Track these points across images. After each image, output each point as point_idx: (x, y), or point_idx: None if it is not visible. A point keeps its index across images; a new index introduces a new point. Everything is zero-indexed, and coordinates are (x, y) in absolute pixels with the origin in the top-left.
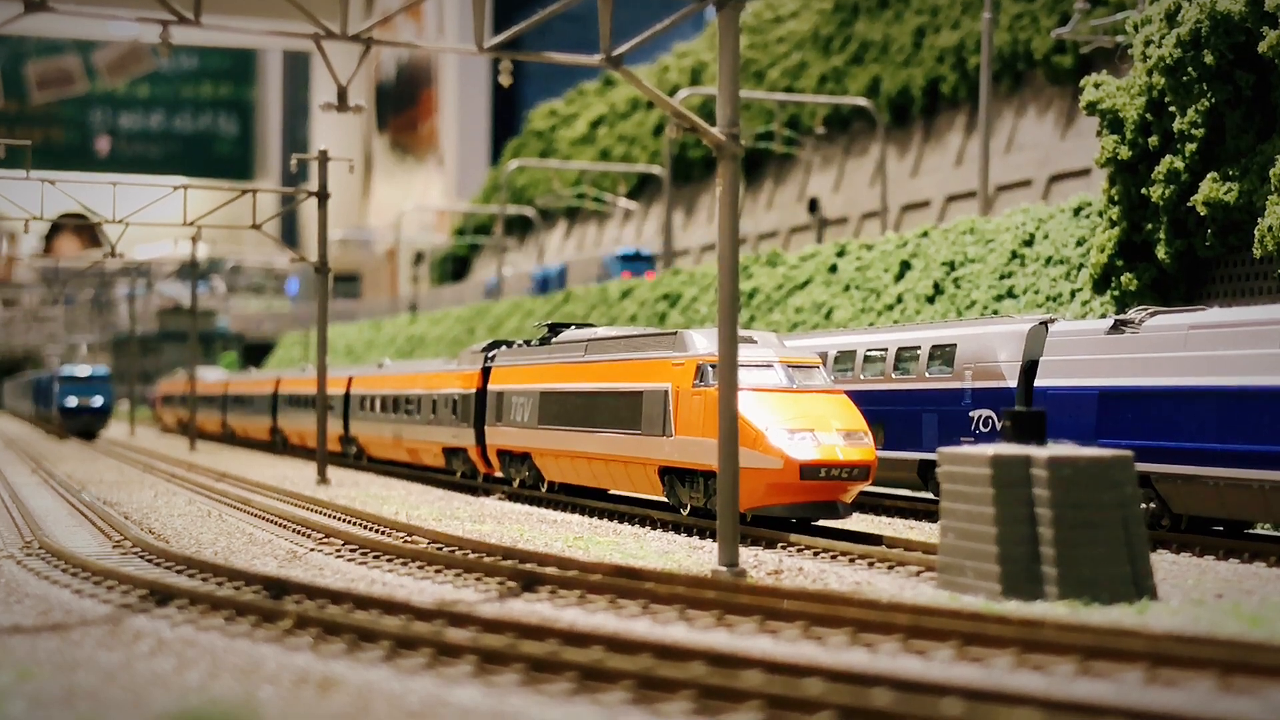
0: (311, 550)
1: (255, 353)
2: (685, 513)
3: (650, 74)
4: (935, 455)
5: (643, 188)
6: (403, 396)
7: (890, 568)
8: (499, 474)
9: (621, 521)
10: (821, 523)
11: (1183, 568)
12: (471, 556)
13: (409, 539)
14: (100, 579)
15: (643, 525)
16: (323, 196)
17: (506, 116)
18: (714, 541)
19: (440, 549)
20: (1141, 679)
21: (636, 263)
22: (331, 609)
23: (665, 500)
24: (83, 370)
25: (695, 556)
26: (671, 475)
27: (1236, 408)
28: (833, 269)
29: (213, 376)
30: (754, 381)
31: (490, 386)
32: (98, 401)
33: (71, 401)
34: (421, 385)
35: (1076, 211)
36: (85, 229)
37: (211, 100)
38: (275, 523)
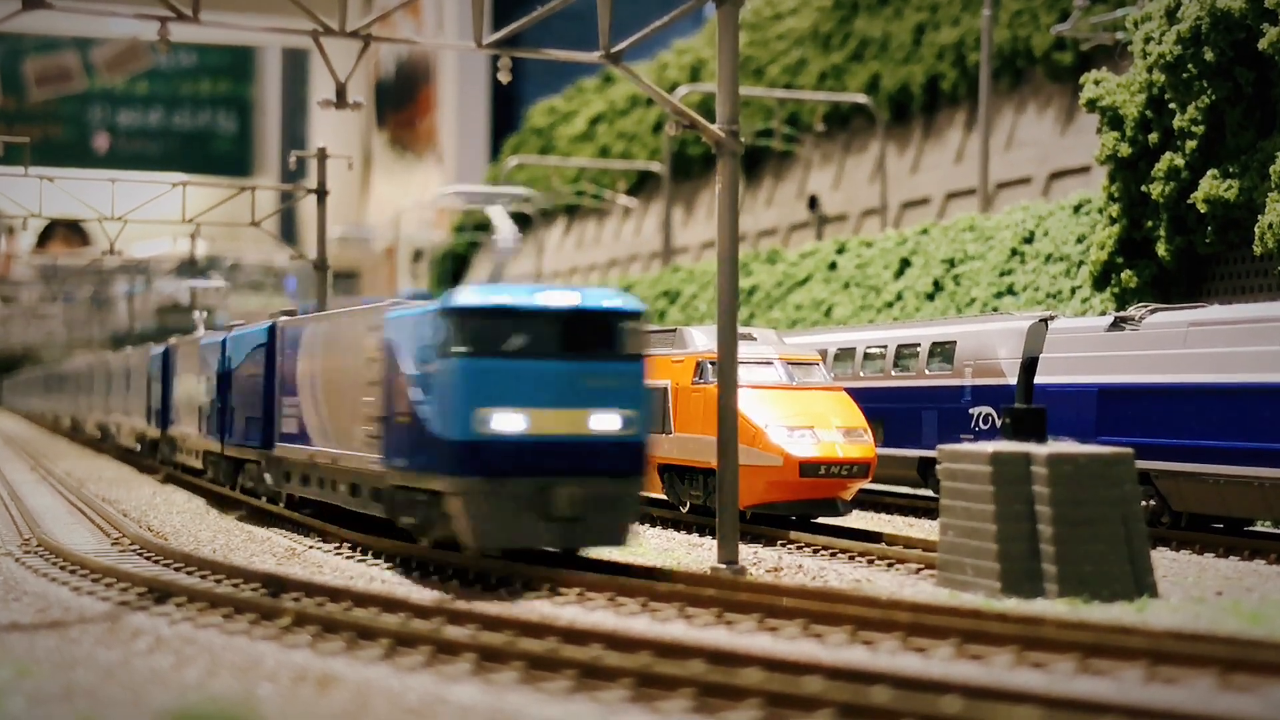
0: (310, 548)
1: None
2: (684, 510)
3: (649, 71)
4: (935, 452)
5: (642, 185)
6: None
7: (890, 565)
8: None
9: None
10: (821, 520)
11: (1183, 565)
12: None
13: None
14: (99, 576)
15: (642, 522)
16: (321, 194)
17: (505, 113)
18: (713, 539)
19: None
20: (1141, 676)
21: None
22: (330, 606)
23: (664, 497)
24: (555, 297)
25: (694, 554)
26: (671, 472)
27: (1237, 405)
28: (832, 266)
29: None
30: (754, 379)
31: None
32: (614, 423)
33: (516, 424)
34: None
35: (1076, 209)
36: (77, 232)
37: (210, 97)
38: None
